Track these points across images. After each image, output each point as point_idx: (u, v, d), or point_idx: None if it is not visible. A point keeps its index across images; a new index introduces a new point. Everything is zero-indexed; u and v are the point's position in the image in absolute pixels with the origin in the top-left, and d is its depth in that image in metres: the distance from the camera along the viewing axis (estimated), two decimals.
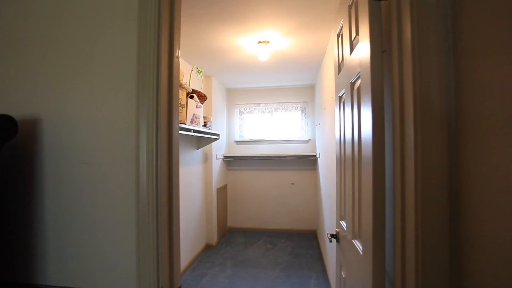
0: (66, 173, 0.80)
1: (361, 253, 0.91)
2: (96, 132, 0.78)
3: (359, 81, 1.00)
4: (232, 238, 4.34)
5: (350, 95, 1.10)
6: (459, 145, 0.63)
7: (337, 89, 1.42)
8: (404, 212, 0.69)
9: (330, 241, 1.36)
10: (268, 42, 2.75)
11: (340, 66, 1.37)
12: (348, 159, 1.15)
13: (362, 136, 0.92)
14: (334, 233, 1.39)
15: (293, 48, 2.94)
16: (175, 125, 0.82)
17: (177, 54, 0.85)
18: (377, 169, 0.79)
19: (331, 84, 2.66)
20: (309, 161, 4.62)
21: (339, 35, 1.36)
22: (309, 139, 4.66)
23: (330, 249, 2.94)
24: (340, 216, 1.34)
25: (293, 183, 4.67)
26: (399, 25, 0.78)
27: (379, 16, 0.83)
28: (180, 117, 2.31)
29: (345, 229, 1.20)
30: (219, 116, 4.41)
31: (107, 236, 0.76)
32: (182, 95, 2.33)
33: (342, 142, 1.31)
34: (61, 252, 0.80)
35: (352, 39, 1.07)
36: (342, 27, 1.28)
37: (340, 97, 1.36)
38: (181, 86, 2.29)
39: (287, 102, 4.74)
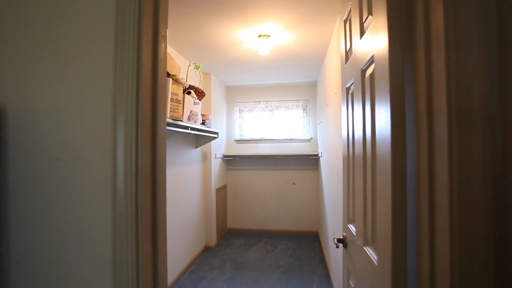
0: (33, 170, 0.69)
1: (376, 263, 0.80)
2: (68, 124, 0.67)
3: (372, 67, 0.88)
4: (232, 239, 4.23)
5: (361, 84, 0.98)
6: (507, 148, 0.52)
7: (344, 80, 1.31)
8: (433, 225, 0.57)
9: (337, 247, 1.24)
10: (269, 36, 2.64)
11: (347, 55, 1.25)
12: (358, 158, 1.03)
13: (377, 132, 0.80)
14: (341, 237, 1.27)
15: (295, 43, 2.83)
16: (161, 117, 0.70)
17: (164, 33, 0.73)
18: (396, 170, 0.67)
19: (334, 80, 2.55)
20: (310, 161, 4.50)
21: (347, 20, 1.24)
22: (311, 138, 4.54)
23: (333, 252, 2.82)
24: (348, 220, 1.22)
25: (294, 183, 4.55)
26: (426, 11, 0.65)
27: None
28: (176, 113, 2.20)
29: (354, 234, 1.08)
30: (219, 115, 4.29)
31: (79, 244, 0.64)
32: (179, 90, 2.21)
33: (350, 140, 1.19)
34: (24, 263, 0.68)
35: (364, 20, 0.95)
36: (350, 10, 1.16)
37: (348, 89, 1.24)
38: (177, 81, 2.18)
39: (288, 100, 4.62)
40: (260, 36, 2.63)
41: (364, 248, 0.92)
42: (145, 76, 0.64)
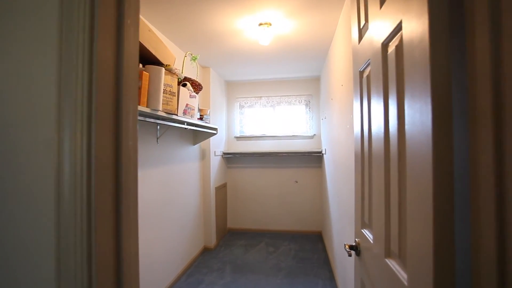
0: None
1: (405, 283, 0.63)
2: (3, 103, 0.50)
3: (397, 38, 0.71)
4: (232, 240, 4.07)
5: (381, 63, 0.81)
6: None
7: (356, 63, 1.13)
8: (504, 246, 0.41)
9: (349, 255, 1.08)
10: (270, 24, 2.46)
11: (361, 33, 1.08)
12: (377, 156, 0.86)
13: (408, 127, 0.63)
14: (354, 243, 1.11)
15: (297, 32, 2.65)
16: (129, 107, 0.54)
17: (131, 20, 0.56)
18: (441, 173, 0.51)
19: (340, 71, 2.37)
20: (314, 158, 4.33)
21: None
22: (314, 135, 4.37)
23: (338, 254, 2.66)
24: (362, 224, 1.05)
25: (296, 181, 4.39)
26: None
27: None
28: (170, 106, 2.03)
29: (371, 241, 0.91)
30: (218, 111, 4.13)
31: (12, 264, 0.48)
32: (173, 82, 2.05)
33: (365, 135, 1.02)
34: None
35: None
36: None
37: (361, 72, 1.07)
38: (171, 71, 2.01)
39: (290, 95, 4.45)
40: (260, 24, 2.46)
41: (386, 261, 0.76)
42: (100, 49, 0.47)
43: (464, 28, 0.52)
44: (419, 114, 0.58)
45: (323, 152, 3.87)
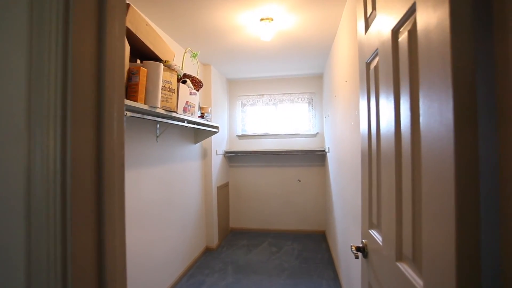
0: None
1: None
2: None
3: (409, 23, 0.65)
4: (234, 240, 4.02)
5: (391, 52, 0.75)
6: None
7: (363, 55, 1.07)
8: None
9: (356, 257, 1.02)
10: (272, 19, 2.40)
11: (367, 22, 1.02)
12: (386, 154, 0.80)
13: (424, 120, 0.57)
14: (361, 245, 1.05)
15: (300, 28, 2.59)
16: (113, 102, 0.49)
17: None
18: (464, 173, 0.45)
19: (344, 67, 2.31)
20: (317, 157, 4.26)
21: None
22: (317, 133, 4.30)
23: (342, 253, 2.60)
24: (370, 224, 0.99)
25: (300, 180, 4.33)
26: None
27: None
28: (169, 103, 1.98)
29: (380, 243, 0.86)
30: (220, 109, 4.08)
31: None
32: (172, 78, 2.00)
33: (373, 132, 0.96)
34: None
35: None
36: None
37: (368, 64, 1.01)
38: (170, 67, 1.96)
39: (293, 93, 4.38)
40: (262, 19, 2.40)
41: (398, 264, 0.70)
42: (78, 49, 0.42)
43: (490, 4, 0.46)
44: (437, 108, 0.52)
45: (327, 150, 3.81)
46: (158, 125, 2.45)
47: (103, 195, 0.43)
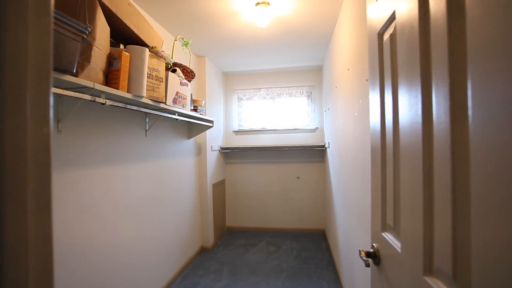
0: None
1: None
2: None
3: None
4: (231, 239, 3.87)
5: (418, 14, 0.59)
6: None
7: (373, 26, 0.91)
8: None
9: (367, 265, 0.87)
10: (268, 3, 2.23)
11: None
12: (410, 149, 0.64)
13: (478, 107, 0.41)
14: (371, 250, 0.90)
15: (298, 13, 2.42)
16: (35, 66, 0.33)
17: None
18: None
19: (346, 54, 2.14)
20: (316, 152, 4.11)
21: None
22: (316, 128, 4.15)
23: (343, 253, 2.46)
24: (383, 226, 0.84)
25: (298, 177, 4.18)
26: None
27: None
28: (156, 93, 1.82)
29: (398, 249, 0.70)
30: (215, 104, 3.91)
31: None
32: (160, 66, 1.83)
33: (388, 122, 0.80)
34: None
35: None
36: None
37: (381, 35, 0.85)
38: (157, 54, 1.79)
39: (291, 87, 4.22)
40: (258, 4, 2.23)
41: (427, 280, 0.55)
42: None
43: None
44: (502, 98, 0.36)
45: (326, 145, 3.65)
46: (147, 118, 2.29)
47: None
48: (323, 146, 3.88)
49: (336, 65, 2.72)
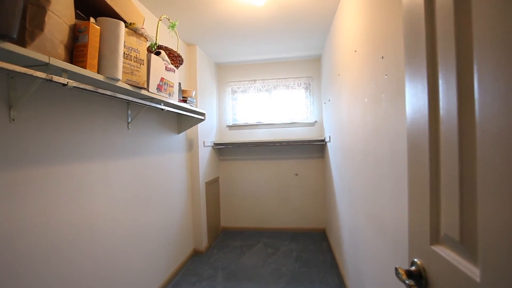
0: None
1: None
2: None
3: None
4: (226, 241, 3.63)
5: None
6: None
7: None
8: None
9: (408, 287, 0.63)
10: None
11: None
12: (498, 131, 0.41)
13: None
14: (412, 268, 0.66)
15: None
16: None
17: None
18: None
19: (352, 35, 1.90)
20: (315, 147, 3.89)
21: None
22: (315, 121, 3.92)
23: (348, 255, 2.24)
24: (433, 238, 0.61)
25: (297, 174, 3.95)
26: None
27: None
28: (136, 77, 1.55)
29: (476, 277, 0.47)
30: (208, 97, 3.64)
31: None
32: (140, 46, 1.57)
33: (441, 107, 0.57)
34: None
35: None
36: None
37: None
38: (136, 31, 1.53)
39: (288, 78, 3.97)
40: None
41: None
42: None
43: None
44: None
45: (327, 140, 3.43)
46: (129, 110, 2.02)
47: None
48: (323, 140, 3.65)
49: (339, 51, 2.48)
